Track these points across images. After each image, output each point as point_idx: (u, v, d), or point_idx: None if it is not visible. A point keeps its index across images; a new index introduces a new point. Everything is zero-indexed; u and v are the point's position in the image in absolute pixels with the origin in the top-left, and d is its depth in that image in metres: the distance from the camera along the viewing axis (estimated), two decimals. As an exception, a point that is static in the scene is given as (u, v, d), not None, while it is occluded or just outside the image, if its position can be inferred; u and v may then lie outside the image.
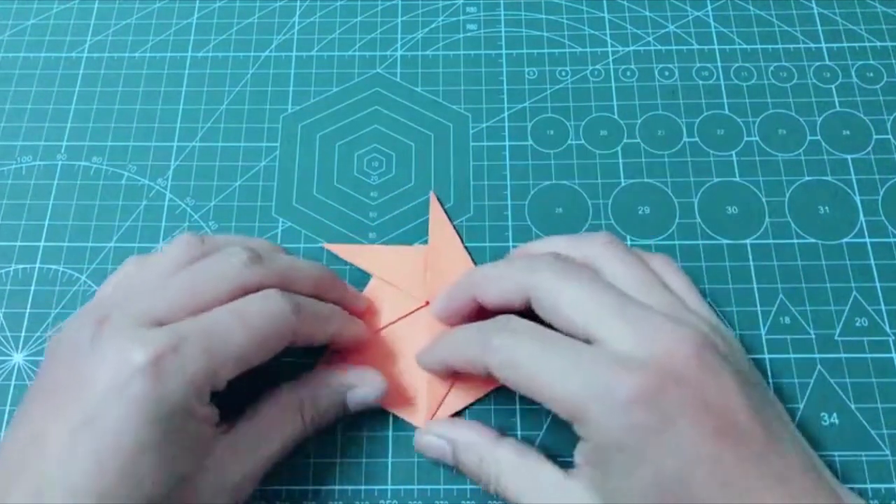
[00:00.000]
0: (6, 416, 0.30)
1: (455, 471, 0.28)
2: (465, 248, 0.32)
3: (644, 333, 0.23)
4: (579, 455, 0.24)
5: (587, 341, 0.24)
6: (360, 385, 0.28)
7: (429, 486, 0.28)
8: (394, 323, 0.31)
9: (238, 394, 0.25)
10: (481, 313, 0.28)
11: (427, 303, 0.31)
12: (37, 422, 0.23)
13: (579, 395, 0.23)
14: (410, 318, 0.31)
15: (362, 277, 0.32)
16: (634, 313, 0.24)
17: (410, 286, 0.31)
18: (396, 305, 0.31)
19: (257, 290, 0.25)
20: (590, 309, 0.24)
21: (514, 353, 0.24)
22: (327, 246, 0.33)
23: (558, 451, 0.29)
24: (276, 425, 0.26)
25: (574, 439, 0.24)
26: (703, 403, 0.22)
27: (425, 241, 0.33)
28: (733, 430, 0.22)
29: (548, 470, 0.25)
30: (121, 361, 0.22)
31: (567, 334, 0.24)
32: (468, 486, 0.28)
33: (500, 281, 0.26)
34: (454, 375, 0.29)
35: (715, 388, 0.23)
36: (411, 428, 0.29)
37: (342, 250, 0.32)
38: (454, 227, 0.33)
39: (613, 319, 0.24)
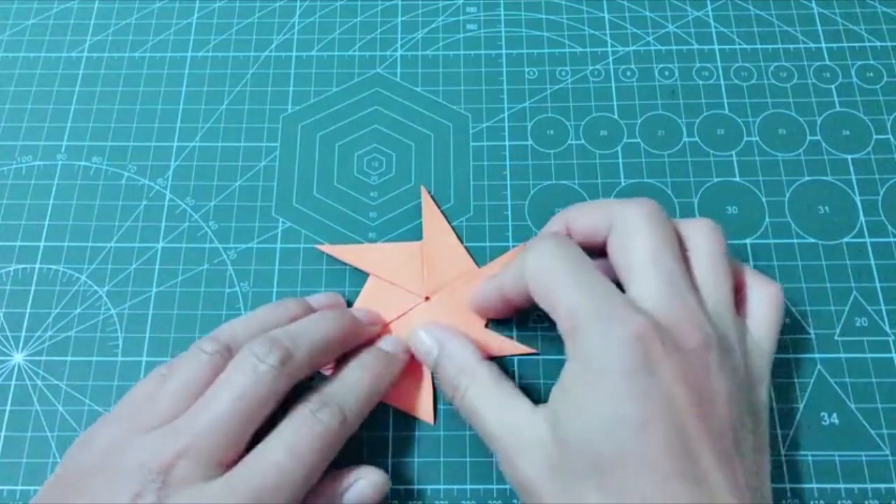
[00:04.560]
0: (6, 416, 0.30)
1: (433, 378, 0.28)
2: (461, 240, 0.32)
3: (672, 307, 0.24)
4: (555, 386, 0.24)
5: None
6: (357, 485, 0.26)
7: (429, 486, 0.28)
8: (396, 320, 0.31)
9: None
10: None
11: (427, 298, 0.31)
12: None
13: (585, 314, 0.23)
14: (411, 314, 0.31)
15: (360, 277, 0.32)
16: (678, 291, 0.24)
17: (409, 282, 0.31)
18: (397, 302, 0.31)
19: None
20: (648, 260, 0.24)
21: (541, 267, 0.25)
22: (320, 248, 0.32)
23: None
24: None
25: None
26: (690, 381, 0.22)
27: (425, 241, 0.33)
28: (708, 415, 0.22)
29: (518, 400, 0.25)
30: (138, 479, 0.22)
31: (616, 272, 0.25)
32: (468, 486, 0.28)
33: (594, 207, 0.27)
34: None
35: (706, 380, 0.23)
36: (412, 428, 0.29)
37: (336, 251, 0.32)
38: (447, 220, 0.33)
39: (656, 284, 0.24)
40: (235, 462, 0.24)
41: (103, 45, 0.38)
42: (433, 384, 0.30)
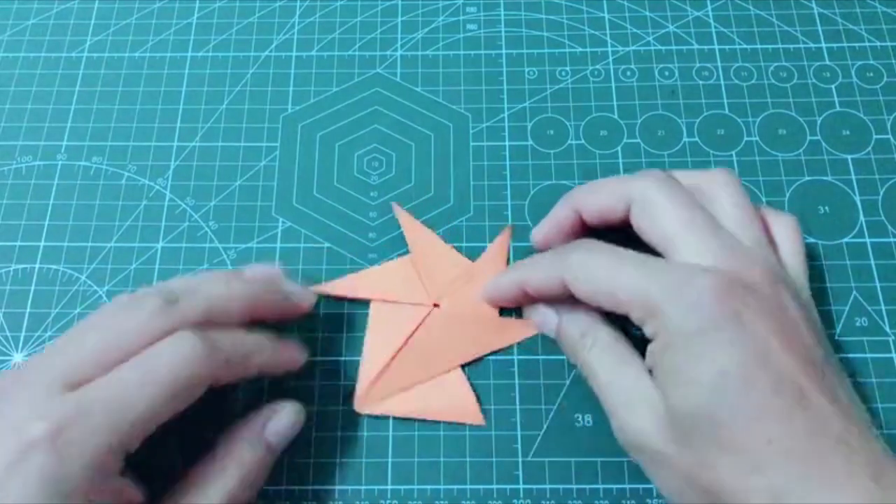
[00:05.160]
0: (6, 416, 0.30)
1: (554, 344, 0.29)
2: (446, 241, 0.32)
3: (725, 254, 0.24)
4: (649, 355, 0.25)
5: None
6: (273, 418, 0.26)
7: (429, 486, 0.28)
8: (414, 334, 0.30)
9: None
10: (580, 232, 0.29)
11: (435, 304, 0.31)
12: None
13: (658, 290, 0.24)
14: (426, 325, 0.30)
15: (362, 306, 0.32)
16: (722, 239, 0.25)
17: (412, 296, 0.31)
18: (407, 318, 0.31)
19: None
20: (682, 226, 0.25)
21: (590, 265, 0.26)
22: (316, 288, 0.31)
23: (556, 453, 0.29)
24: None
25: (572, 440, 0.24)
26: (773, 316, 0.23)
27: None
28: (799, 345, 0.23)
29: (635, 360, 0.26)
30: (20, 434, 0.21)
31: (653, 247, 0.26)
32: (468, 486, 0.28)
33: (604, 188, 0.28)
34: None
35: (783, 311, 0.24)
36: (412, 428, 0.29)
37: (333, 288, 0.31)
38: (427, 226, 0.33)
39: (699, 241, 0.25)
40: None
41: (103, 45, 0.38)
42: (470, 385, 0.30)
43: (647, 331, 0.24)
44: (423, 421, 0.29)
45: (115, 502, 0.23)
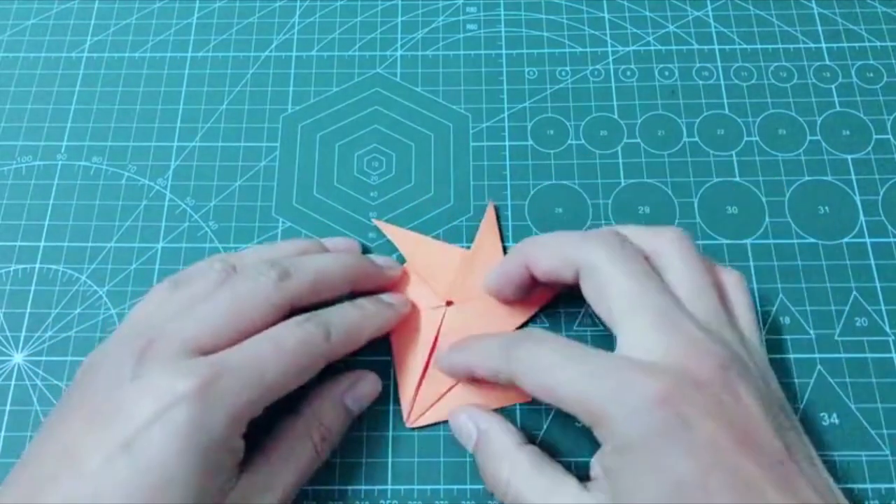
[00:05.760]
0: (6, 416, 0.30)
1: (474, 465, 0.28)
2: (446, 242, 0.32)
3: (675, 344, 0.23)
4: (596, 465, 0.24)
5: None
6: (356, 386, 0.28)
7: (429, 486, 0.28)
8: (437, 337, 0.30)
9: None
10: (532, 286, 0.29)
11: (448, 303, 0.31)
12: (72, 437, 0.22)
13: (601, 397, 0.22)
14: (446, 323, 0.30)
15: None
16: (673, 323, 0.24)
17: (424, 300, 0.31)
18: (426, 322, 0.31)
19: (290, 308, 0.26)
20: (630, 306, 0.24)
21: (537, 362, 0.24)
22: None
23: (558, 452, 0.29)
24: (289, 462, 0.26)
25: (576, 441, 0.24)
26: (724, 413, 0.22)
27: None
28: (753, 441, 0.22)
29: (566, 483, 0.24)
30: (166, 388, 0.22)
31: (599, 319, 0.25)
32: (468, 486, 0.28)
33: (554, 249, 0.27)
34: (467, 381, 0.29)
35: (737, 403, 0.22)
36: (411, 428, 0.29)
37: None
38: (427, 226, 0.33)
39: (649, 326, 0.24)
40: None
41: (103, 45, 0.38)
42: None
43: (596, 435, 0.23)
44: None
45: (232, 463, 0.24)
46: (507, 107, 0.36)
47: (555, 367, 0.24)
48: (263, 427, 0.26)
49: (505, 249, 0.32)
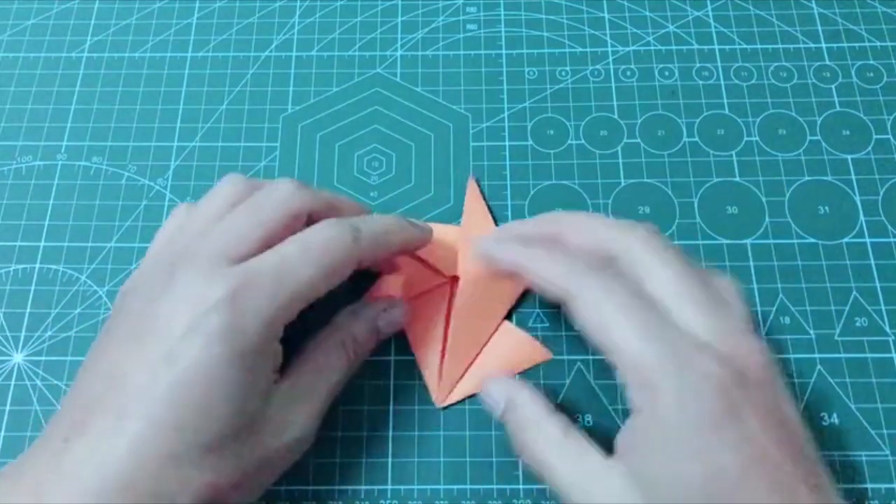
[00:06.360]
0: (6, 416, 0.30)
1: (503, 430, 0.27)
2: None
3: (725, 331, 0.23)
4: (624, 437, 0.23)
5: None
6: (387, 310, 0.29)
7: (429, 486, 0.28)
8: (417, 298, 0.31)
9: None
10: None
11: (453, 278, 0.31)
12: (115, 358, 0.23)
13: (656, 360, 0.22)
14: (457, 298, 0.30)
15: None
16: (719, 309, 0.23)
17: (437, 260, 0.31)
18: (436, 302, 0.31)
19: (309, 216, 0.26)
20: (676, 290, 0.23)
21: (603, 297, 0.23)
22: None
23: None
24: (324, 369, 0.27)
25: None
26: (769, 412, 0.22)
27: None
28: (791, 441, 0.22)
29: (590, 453, 0.24)
30: (199, 298, 0.23)
31: (602, 350, 0.24)
32: (468, 486, 0.28)
33: (589, 229, 0.26)
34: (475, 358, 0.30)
35: (777, 403, 0.22)
36: (411, 428, 0.29)
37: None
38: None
39: (698, 310, 0.23)
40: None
41: (103, 45, 0.38)
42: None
43: (635, 398, 0.22)
44: (424, 420, 0.29)
45: (271, 368, 0.24)
46: (507, 107, 0.36)
47: (617, 315, 0.23)
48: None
49: (496, 221, 0.33)
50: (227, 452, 0.23)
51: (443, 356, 0.30)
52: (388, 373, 0.30)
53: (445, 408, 0.30)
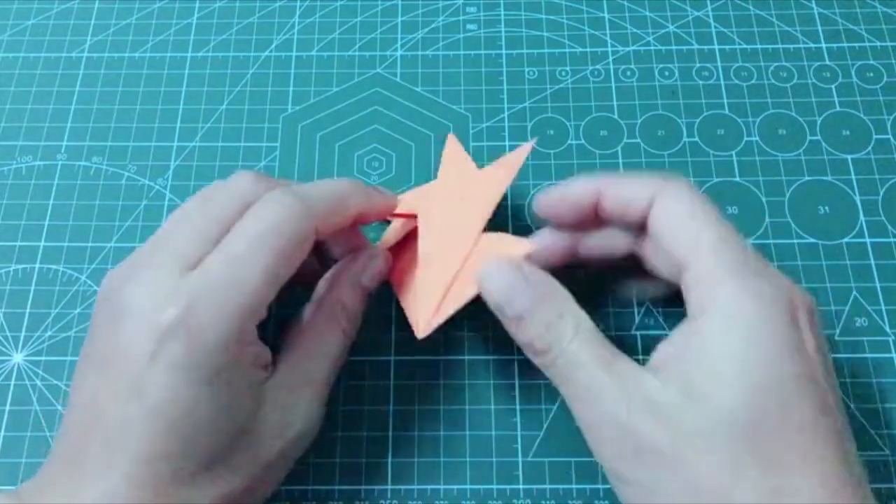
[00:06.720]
0: (6, 416, 0.30)
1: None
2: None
3: (768, 271, 0.24)
4: (667, 350, 0.23)
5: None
6: (370, 264, 0.28)
7: (429, 486, 0.28)
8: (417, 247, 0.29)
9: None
10: (585, 220, 0.27)
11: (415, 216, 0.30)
12: (92, 389, 0.22)
13: (733, 262, 0.23)
14: (423, 227, 0.29)
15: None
16: (755, 254, 0.24)
17: (403, 229, 0.30)
18: (402, 236, 0.30)
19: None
20: (719, 233, 0.24)
21: (696, 196, 0.24)
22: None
23: (556, 453, 0.29)
24: (319, 347, 0.26)
25: (577, 440, 0.24)
26: (821, 344, 0.23)
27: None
28: (827, 362, 0.23)
29: (622, 355, 0.23)
30: (153, 322, 0.22)
31: (679, 251, 0.24)
32: (468, 486, 0.28)
33: (630, 179, 0.26)
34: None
35: (817, 332, 0.23)
36: (411, 428, 0.29)
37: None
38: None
39: (745, 260, 0.23)
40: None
41: (103, 45, 0.38)
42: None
43: (702, 297, 0.23)
44: (424, 420, 0.29)
45: (256, 367, 0.23)
46: (507, 107, 0.36)
47: (708, 214, 0.24)
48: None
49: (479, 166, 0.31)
50: (227, 466, 0.22)
51: (417, 284, 0.28)
52: (389, 373, 0.30)
53: (428, 338, 0.27)
